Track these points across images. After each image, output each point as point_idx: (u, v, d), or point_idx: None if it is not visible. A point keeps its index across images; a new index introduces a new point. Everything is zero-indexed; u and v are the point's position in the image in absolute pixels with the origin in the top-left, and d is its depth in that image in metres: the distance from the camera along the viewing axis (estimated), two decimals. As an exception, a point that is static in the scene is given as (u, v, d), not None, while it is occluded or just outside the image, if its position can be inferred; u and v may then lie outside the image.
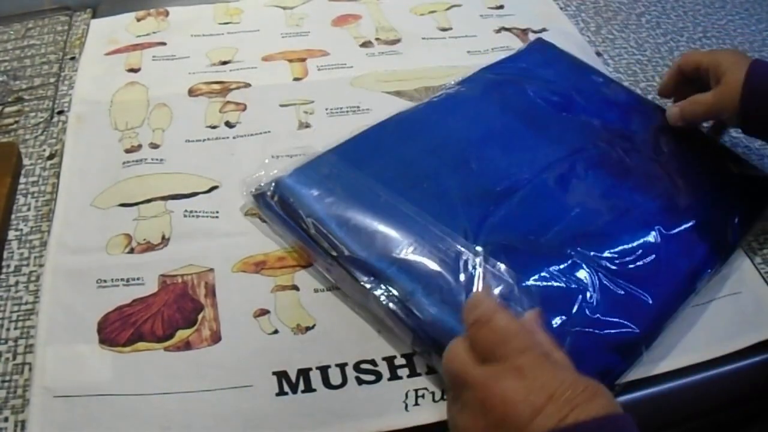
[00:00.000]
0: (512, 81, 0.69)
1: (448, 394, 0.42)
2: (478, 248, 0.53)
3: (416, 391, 0.48)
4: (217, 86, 0.71)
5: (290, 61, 0.75)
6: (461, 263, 0.52)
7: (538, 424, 0.35)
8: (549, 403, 0.36)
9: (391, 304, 0.50)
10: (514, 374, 0.38)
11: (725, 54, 0.61)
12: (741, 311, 0.54)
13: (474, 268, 0.52)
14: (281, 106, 0.69)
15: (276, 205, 0.56)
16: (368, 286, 0.51)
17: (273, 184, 0.58)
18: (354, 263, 0.52)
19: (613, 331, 0.49)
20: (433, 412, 0.47)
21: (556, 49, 0.75)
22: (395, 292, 0.50)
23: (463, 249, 0.53)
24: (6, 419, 0.47)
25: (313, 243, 0.54)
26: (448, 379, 0.42)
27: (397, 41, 0.79)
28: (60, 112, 0.70)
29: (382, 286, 0.50)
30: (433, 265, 0.52)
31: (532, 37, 0.80)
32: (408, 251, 0.53)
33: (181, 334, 0.50)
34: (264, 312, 0.52)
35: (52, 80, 0.73)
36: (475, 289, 0.50)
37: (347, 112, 0.69)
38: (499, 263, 0.52)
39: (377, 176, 0.58)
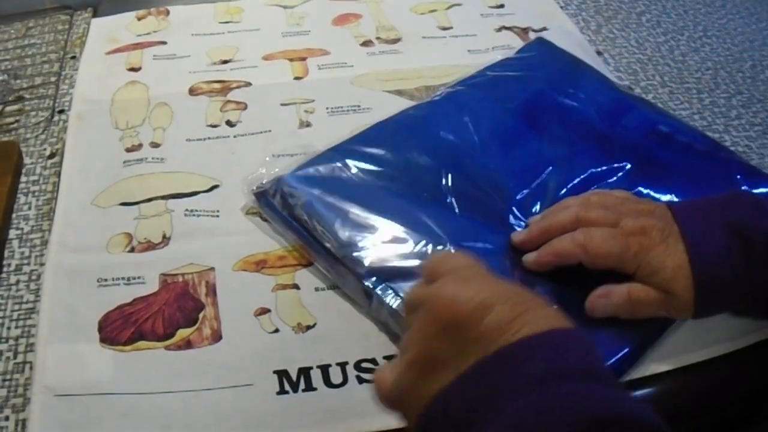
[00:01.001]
0: (512, 81, 0.69)
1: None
2: (478, 249, 0.53)
3: (417, 390, 0.48)
4: (217, 85, 0.71)
5: (291, 60, 0.75)
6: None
7: (487, 325, 0.35)
8: (497, 304, 0.36)
9: (393, 304, 0.50)
10: (460, 281, 0.38)
11: (662, 256, 0.47)
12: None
13: None
14: (282, 105, 0.69)
15: (277, 203, 0.56)
16: (369, 285, 0.51)
17: (274, 182, 0.58)
18: (355, 263, 0.52)
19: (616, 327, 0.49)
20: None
21: (556, 48, 0.75)
22: (396, 292, 0.50)
23: (462, 250, 0.53)
24: (7, 418, 0.47)
25: (313, 242, 0.54)
26: (405, 319, 0.41)
27: (397, 40, 0.79)
28: (61, 111, 0.70)
29: (383, 286, 0.51)
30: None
31: (532, 36, 0.80)
32: (409, 251, 0.53)
33: (182, 333, 0.51)
34: (265, 311, 0.52)
35: (52, 79, 0.73)
36: None
37: (348, 111, 0.69)
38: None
39: (378, 175, 0.58)
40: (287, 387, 0.48)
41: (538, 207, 0.58)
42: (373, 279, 0.51)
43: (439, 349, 0.36)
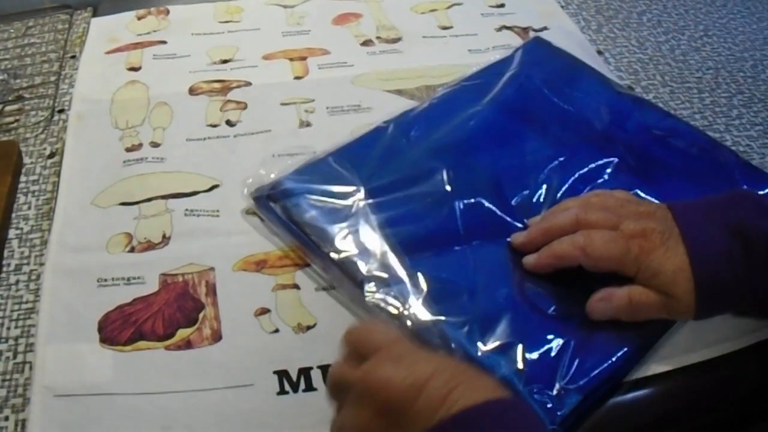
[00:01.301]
0: (510, 81, 0.69)
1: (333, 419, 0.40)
2: (478, 251, 0.53)
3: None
4: (217, 85, 0.71)
5: (291, 59, 0.75)
6: (461, 267, 0.52)
7: (422, 403, 0.35)
8: (430, 380, 0.35)
9: (389, 308, 0.50)
10: (391, 360, 0.37)
11: (662, 259, 0.47)
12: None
13: (474, 271, 0.52)
14: (282, 104, 0.69)
15: (275, 207, 0.56)
16: (366, 290, 0.51)
17: (272, 186, 0.58)
18: (352, 268, 0.52)
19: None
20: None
21: (553, 47, 0.74)
22: (395, 297, 0.50)
23: (462, 253, 0.53)
24: (6, 418, 0.47)
25: (312, 245, 0.54)
26: (332, 397, 0.41)
27: (397, 40, 0.79)
28: (60, 111, 0.70)
29: (381, 290, 0.50)
30: (432, 270, 0.52)
31: (532, 35, 0.79)
32: (406, 255, 0.53)
33: (182, 333, 0.50)
34: (265, 311, 0.52)
35: (52, 79, 0.73)
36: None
37: (348, 110, 0.69)
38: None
39: (377, 179, 0.58)
40: (287, 387, 0.48)
41: (538, 203, 0.57)
42: (371, 284, 0.51)
43: (372, 431, 0.36)
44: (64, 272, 0.54)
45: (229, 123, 0.67)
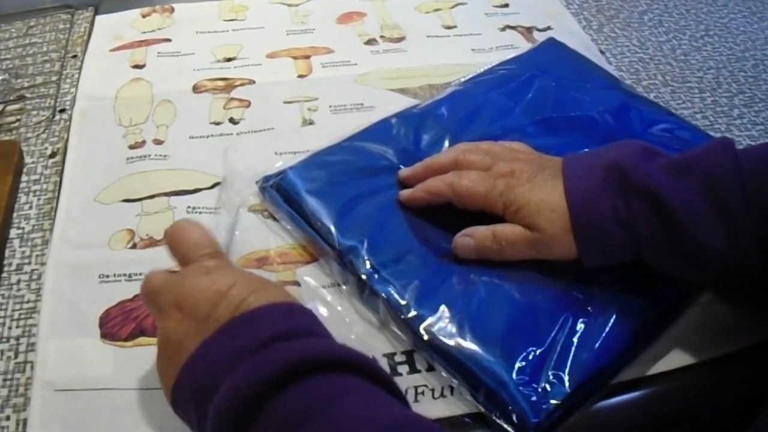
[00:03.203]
0: (522, 80, 0.69)
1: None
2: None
3: (416, 387, 0.48)
4: (221, 83, 0.71)
5: (295, 58, 0.75)
6: (459, 265, 0.52)
7: (223, 307, 0.39)
8: (231, 288, 0.40)
9: (392, 302, 0.49)
10: (202, 271, 0.42)
11: (527, 193, 0.49)
12: (741, 310, 0.54)
13: (468, 267, 0.52)
14: (285, 103, 0.69)
15: (281, 198, 0.56)
16: (370, 282, 0.51)
17: (278, 177, 0.58)
18: (356, 258, 0.52)
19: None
20: (432, 408, 0.47)
21: (567, 48, 0.74)
22: (398, 289, 0.50)
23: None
24: (8, 417, 0.47)
25: (317, 237, 0.54)
26: (151, 303, 0.44)
27: (401, 39, 0.79)
28: (62, 111, 0.70)
29: (385, 283, 0.50)
30: (437, 264, 0.52)
31: (536, 35, 0.79)
32: (412, 249, 0.52)
33: (184, 330, 0.50)
34: (267, 308, 0.52)
35: (54, 78, 0.73)
36: None
37: (351, 109, 0.69)
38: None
39: (382, 171, 0.58)
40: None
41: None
42: (375, 276, 0.51)
43: (182, 332, 0.40)
44: (66, 268, 0.54)
45: (232, 121, 0.67)
